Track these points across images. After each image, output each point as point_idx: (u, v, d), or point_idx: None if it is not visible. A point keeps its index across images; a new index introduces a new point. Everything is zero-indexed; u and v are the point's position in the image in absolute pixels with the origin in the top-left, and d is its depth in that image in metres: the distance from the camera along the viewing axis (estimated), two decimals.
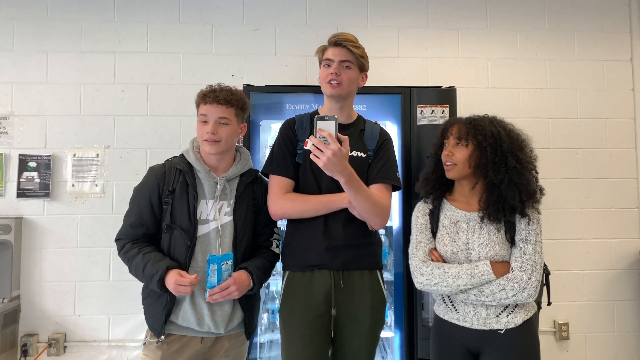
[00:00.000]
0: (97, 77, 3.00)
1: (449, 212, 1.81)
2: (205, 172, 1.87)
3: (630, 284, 3.12)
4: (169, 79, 3.03)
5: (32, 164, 2.91)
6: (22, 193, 2.90)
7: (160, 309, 1.79)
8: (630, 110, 3.19)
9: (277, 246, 2.00)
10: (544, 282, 1.81)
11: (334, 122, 1.63)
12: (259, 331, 2.39)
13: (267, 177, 1.97)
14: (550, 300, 1.91)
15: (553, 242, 3.07)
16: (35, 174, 2.91)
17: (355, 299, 1.86)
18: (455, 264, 1.73)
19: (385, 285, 1.96)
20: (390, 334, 2.43)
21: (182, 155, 1.93)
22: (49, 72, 2.98)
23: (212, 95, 1.84)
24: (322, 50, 1.95)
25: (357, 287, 1.86)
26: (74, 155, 2.94)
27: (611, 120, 3.17)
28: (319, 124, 1.62)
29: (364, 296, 1.86)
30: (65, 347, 2.87)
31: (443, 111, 2.43)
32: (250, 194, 1.94)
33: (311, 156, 1.64)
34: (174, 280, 1.68)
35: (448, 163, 1.77)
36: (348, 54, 1.88)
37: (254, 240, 1.95)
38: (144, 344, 1.86)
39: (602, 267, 3.12)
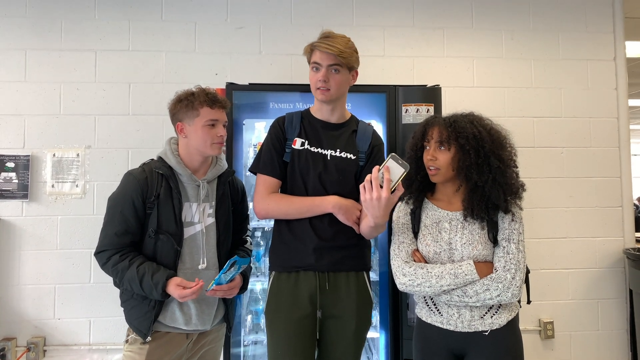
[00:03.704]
0: (77, 76, 2.94)
1: (431, 212, 1.78)
2: (187, 175, 1.87)
3: (614, 283, 3.14)
4: (152, 78, 2.98)
5: (10, 165, 2.84)
6: None
7: (146, 310, 1.78)
8: (614, 109, 3.21)
9: (251, 243, 2.09)
10: (524, 281, 1.80)
11: (404, 171, 1.51)
12: (242, 332, 2.37)
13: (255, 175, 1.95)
14: (530, 299, 1.90)
15: (538, 241, 3.08)
16: (13, 175, 2.84)
17: (341, 301, 1.84)
18: (438, 264, 1.71)
19: (372, 287, 1.95)
20: (375, 334, 2.41)
21: (160, 158, 1.90)
22: (27, 71, 2.91)
23: (220, 101, 1.88)
24: (310, 50, 1.88)
25: (342, 289, 1.85)
26: (54, 155, 2.88)
27: (595, 120, 3.19)
28: (390, 163, 1.53)
29: (349, 298, 1.85)
30: (44, 351, 2.81)
31: (428, 110, 2.42)
32: (228, 195, 1.98)
33: (360, 185, 1.58)
34: (177, 294, 1.71)
35: (431, 168, 1.74)
36: (336, 57, 1.83)
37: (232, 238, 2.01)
38: (126, 341, 1.83)
39: (586, 265, 3.13)
